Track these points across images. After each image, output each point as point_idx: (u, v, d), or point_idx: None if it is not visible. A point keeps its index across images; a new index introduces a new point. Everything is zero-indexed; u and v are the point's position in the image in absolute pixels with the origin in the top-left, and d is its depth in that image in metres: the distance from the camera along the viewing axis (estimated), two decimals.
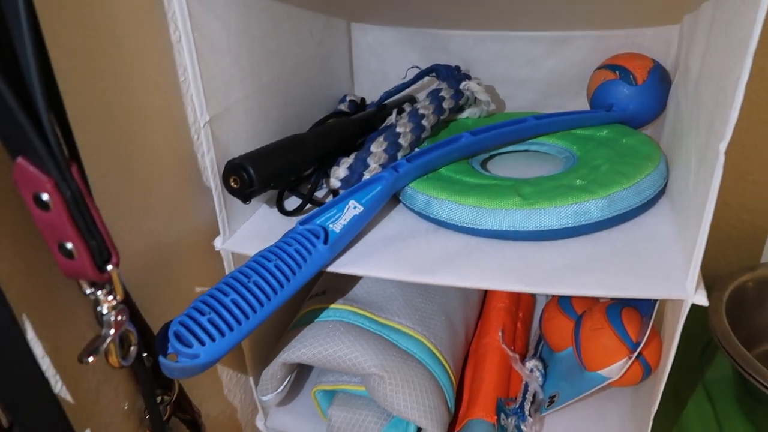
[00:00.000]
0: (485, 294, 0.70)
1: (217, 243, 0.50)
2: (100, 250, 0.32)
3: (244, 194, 0.47)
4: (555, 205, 0.47)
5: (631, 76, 0.60)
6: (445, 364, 0.55)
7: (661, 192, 0.51)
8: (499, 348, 0.61)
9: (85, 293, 0.33)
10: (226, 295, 0.41)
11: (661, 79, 0.60)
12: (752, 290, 0.65)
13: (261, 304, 0.42)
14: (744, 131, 0.69)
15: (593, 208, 0.47)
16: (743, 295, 0.63)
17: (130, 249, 0.43)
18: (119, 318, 0.35)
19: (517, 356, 0.59)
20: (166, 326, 0.39)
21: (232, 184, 0.47)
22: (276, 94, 0.55)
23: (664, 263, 0.43)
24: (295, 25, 0.58)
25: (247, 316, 0.41)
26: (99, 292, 0.34)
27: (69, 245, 0.30)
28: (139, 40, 0.42)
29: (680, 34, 0.59)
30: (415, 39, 0.71)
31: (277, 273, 0.43)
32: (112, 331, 0.35)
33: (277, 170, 0.49)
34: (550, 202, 0.47)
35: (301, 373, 0.64)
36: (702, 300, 0.39)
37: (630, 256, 0.44)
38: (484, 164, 0.60)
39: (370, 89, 0.75)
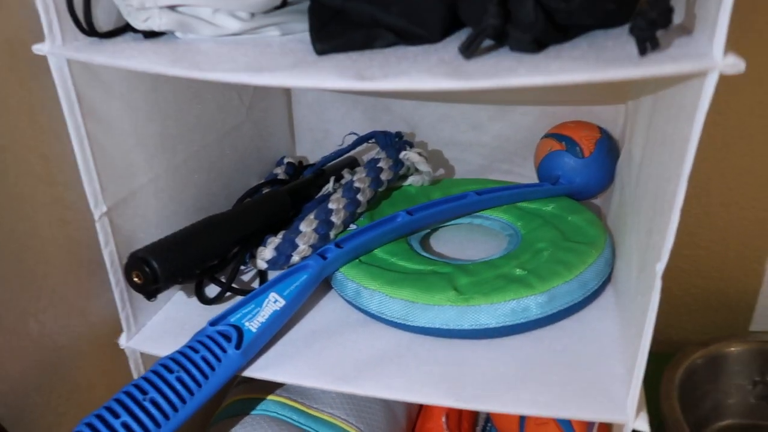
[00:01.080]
0: None
1: (122, 341, 0.44)
2: None
3: (148, 291, 0.42)
4: (491, 302, 0.43)
5: (577, 148, 0.57)
6: None
7: (606, 281, 0.48)
8: None
9: None
10: (116, 416, 0.36)
11: (608, 151, 0.57)
12: (703, 367, 0.62)
13: (158, 425, 0.37)
14: (695, 198, 0.67)
15: (532, 304, 0.43)
16: (695, 373, 0.61)
17: (17, 353, 0.38)
18: None
19: None
20: None
21: (135, 279, 0.42)
22: (195, 169, 0.51)
23: (605, 375, 0.39)
24: (219, 93, 0.54)
25: None
26: None
27: None
28: (19, 126, 0.37)
29: (625, 112, 0.56)
30: (358, 97, 0.67)
31: (179, 387, 0.38)
32: None
33: (188, 262, 0.44)
34: (486, 298, 0.43)
35: None
36: (643, 426, 0.35)
37: (569, 365, 0.40)
38: (424, 239, 0.57)
39: (312, 147, 0.71)
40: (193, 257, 0.45)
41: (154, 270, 0.41)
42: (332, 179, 0.59)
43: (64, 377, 0.42)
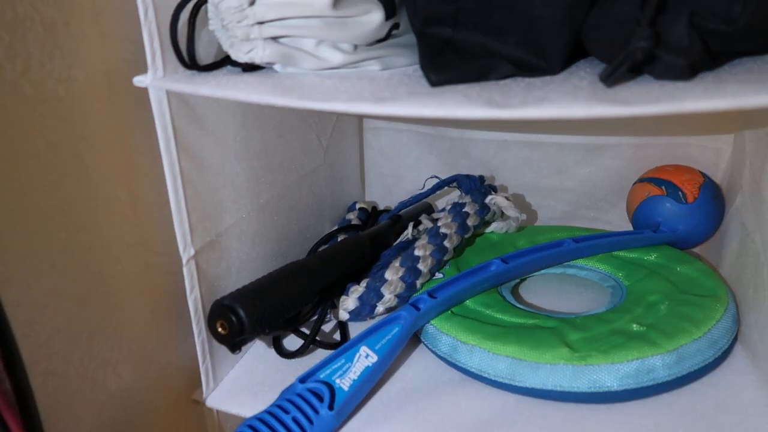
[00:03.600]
0: None
1: (198, 397, 0.41)
2: None
3: (233, 342, 0.38)
4: (612, 361, 0.38)
5: (680, 193, 0.52)
6: None
7: (735, 340, 0.43)
8: None
9: None
10: None
11: (714, 197, 0.52)
12: None
13: None
14: None
15: (659, 365, 0.38)
16: None
17: (93, 406, 0.34)
18: None
19: None
20: None
21: (219, 330, 0.38)
22: (276, 211, 0.48)
23: None
24: (302, 134, 0.51)
25: None
26: None
27: None
28: (111, 161, 0.35)
29: (735, 148, 0.52)
30: (432, 142, 0.65)
31: None
32: None
33: (273, 311, 0.40)
34: (605, 357, 0.38)
35: None
36: None
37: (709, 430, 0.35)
38: (514, 289, 0.52)
39: (382, 194, 0.68)
40: (278, 306, 0.41)
41: (241, 319, 0.38)
42: (411, 225, 0.56)
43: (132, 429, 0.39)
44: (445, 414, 0.39)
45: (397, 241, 0.55)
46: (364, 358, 0.40)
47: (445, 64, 0.34)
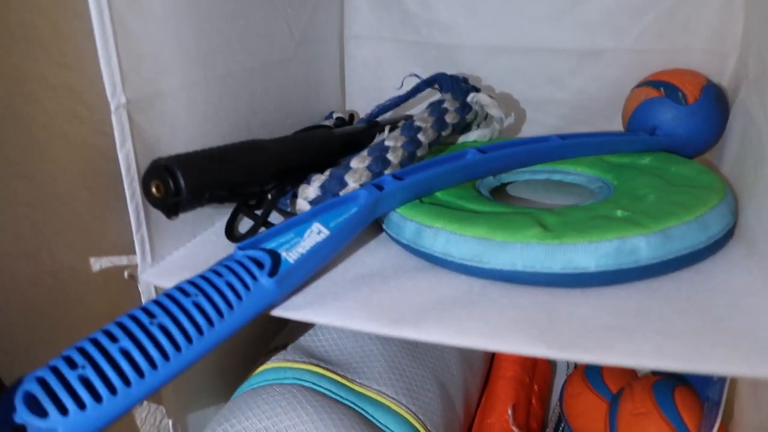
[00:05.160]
0: (491, 359, 0.56)
1: (133, 271, 0.37)
2: None
3: (168, 205, 0.35)
4: (590, 240, 0.34)
5: (679, 94, 0.48)
6: None
7: (729, 233, 0.38)
8: (508, 430, 0.47)
9: None
10: (114, 340, 0.28)
11: (717, 99, 0.48)
12: None
13: (166, 356, 0.29)
14: None
15: (643, 245, 0.34)
16: None
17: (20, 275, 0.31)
18: None
19: None
20: (16, 384, 0.27)
21: (154, 191, 0.35)
22: (235, 92, 0.44)
23: (752, 325, 0.30)
24: (267, 14, 0.47)
25: (141, 373, 0.28)
26: None
27: None
28: None
29: (743, 44, 0.47)
30: (417, 51, 0.61)
31: (195, 313, 0.30)
32: None
33: (218, 179, 0.37)
34: (583, 236, 0.34)
35: None
36: None
37: (699, 316, 0.31)
38: (494, 191, 0.48)
39: (365, 108, 0.64)
40: (224, 176, 0.38)
41: (177, 180, 0.34)
42: (387, 128, 0.52)
43: (65, 307, 0.35)
44: (401, 297, 0.35)
45: (373, 144, 0.51)
46: (316, 233, 0.36)
47: None
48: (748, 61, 0.44)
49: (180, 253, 0.40)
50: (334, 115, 0.59)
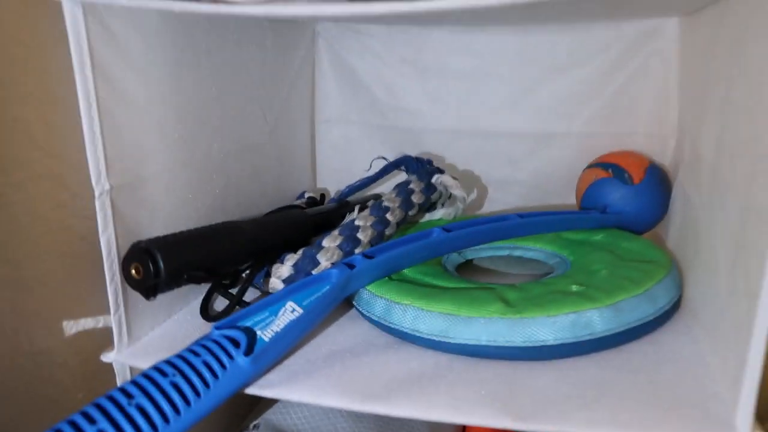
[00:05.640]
0: (463, 430, 0.57)
1: (108, 355, 0.38)
2: None
3: (147, 287, 0.36)
4: (548, 314, 0.36)
5: (626, 175, 0.52)
6: None
7: (676, 305, 0.41)
8: None
9: None
10: (92, 422, 0.29)
11: (660, 179, 0.52)
12: None
13: None
14: None
15: (596, 318, 0.36)
16: None
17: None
18: None
19: None
20: None
21: (134, 273, 0.36)
22: (212, 175, 0.46)
23: (698, 395, 0.32)
24: (244, 104, 0.50)
25: None
26: None
27: None
28: (27, 87, 0.33)
29: (680, 129, 0.52)
30: (384, 135, 0.64)
31: (173, 394, 0.31)
32: None
33: (196, 261, 0.38)
34: (541, 310, 0.37)
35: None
36: None
37: (650, 385, 0.33)
38: (459, 267, 0.51)
39: (336, 187, 0.67)
40: (202, 258, 0.39)
41: (157, 262, 0.36)
42: (357, 207, 0.55)
43: (41, 389, 0.35)
44: (372, 373, 0.36)
45: (342, 223, 0.53)
46: (290, 312, 0.38)
47: None
48: (684, 144, 0.49)
49: (156, 333, 0.41)
50: (306, 195, 0.61)
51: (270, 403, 0.49)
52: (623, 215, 0.52)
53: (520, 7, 0.36)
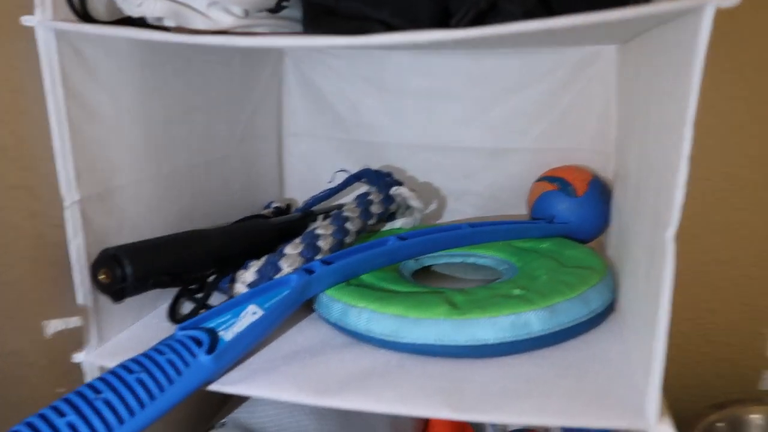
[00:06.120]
0: (425, 425, 0.60)
1: (79, 355, 0.40)
2: None
3: (114, 291, 0.38)
4: (489, 315, 0.40)
5: (570, 188, 0.56)
6: None
7: (610, 308, 0.45)
8: None
9: None
10: (61, 415, 0.31)
11: (601, 192, 0.56)
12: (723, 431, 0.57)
13: (109, 429, 0.32)
14: (692, 257, 0.65)
15: (533, 319, 0.40)
16: None
17: None
18: None
19: None
20: None
21: (102, 278, 0.38)
22: (179, 187, 0.49)
23: (619, 387, 0.35)
24: (210, 119, 0.53)
25: None
26: None
27: None
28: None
29: (616, 146, 0.56)
30: (348, 148, 0.67)
31: (138, 389, 0.34)
32: None
33: (162, 267, 0.41)
34: (483, 312, 0.40)
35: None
36: (668, 431, 0.31)
37: (578, 379, 0.37)
38: (414, 276, 0.54)
39: (302, 197, 0.70)
40: (167, 263, 0.42)
41: (124, 267, 0.38)
42: (321, 217, 0.58)
43: (12, 389, 0.37)
44: (327, 371, 0.39)
45: (305, 232, 0.56)
46: (251, 314, 0.40)
47: (325, 23, 0.37)
48: (619, 161, 0.53)
49: (124, 335, 0.43)
50: (273, 205, 0.64)
51: (238, 402, 0.51)
52: (568, 225, 0.56)
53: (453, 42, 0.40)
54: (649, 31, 0.39)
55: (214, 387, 0.37)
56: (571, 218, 0.56)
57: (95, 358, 0.40)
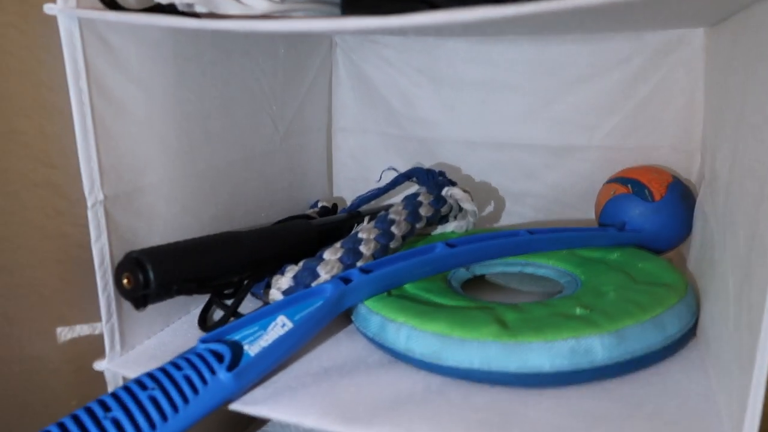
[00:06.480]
0: None
1: (100, 363, 0.38)
2: None
3: (136, 297, 0.36)
4: (545, 339, 0.35)
5: (646, 191, 0.50)
6: None
7: (690, 333, 0.39)
8: None
9: None
10: None
11: (682, 197, 0.49)
12: None
13: None
14: None
15: (597, 345, 0.34)
16: None
17: None
18: None
19: None
20: None
21: (125, 282, 0.36)
22: (216, 184, 0.46)
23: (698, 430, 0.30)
24: (252, 113, 0.50)
25: None
26: None
27: None
28: (22, 97, 0.34)
29: (703, 144, 0.49)
30: (400, 144, 0.63)
31: (150, 408, 0.31)
32: None
33: (188, 273, 0.38)
34: (538, 334, 0.35)
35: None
36: None
37: (649, 418, 0.31)
38: (464, 287, 0.49)
39: (352, 196, 0.66)
40: (194, 269, 0.39)
41: (147, 273, 0.36)
42: (367, 218, 0.54)
43: (34, 396, 0.36)
44: (360, 393, 0.35)
45: (347, 236, 0.53)
46: (280, 327, 0.37)
47: (363, 4, 0.33)
48: (706, 160, 0.46)
49: (151, 342, 0.41)
50: (319, 204, 0.61)
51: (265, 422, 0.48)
52: (642, 233, 0.50)
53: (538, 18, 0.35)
54: (746, 8, 0.33)
55: (234, 407, 0.34)
56: (645, 225, 0.49)
57: (117, 367, 0.38)
